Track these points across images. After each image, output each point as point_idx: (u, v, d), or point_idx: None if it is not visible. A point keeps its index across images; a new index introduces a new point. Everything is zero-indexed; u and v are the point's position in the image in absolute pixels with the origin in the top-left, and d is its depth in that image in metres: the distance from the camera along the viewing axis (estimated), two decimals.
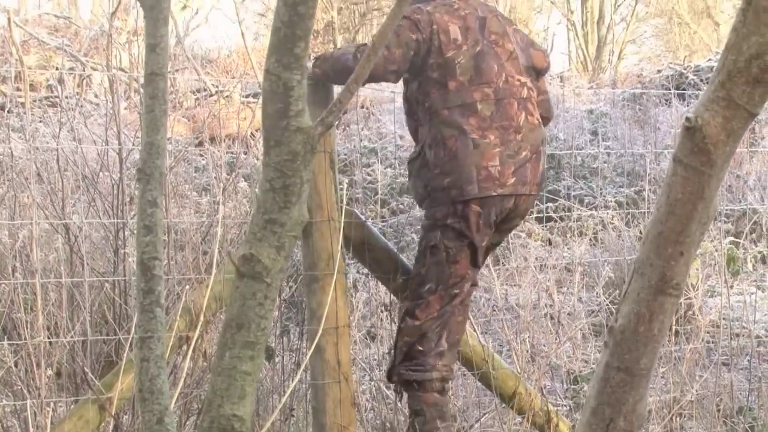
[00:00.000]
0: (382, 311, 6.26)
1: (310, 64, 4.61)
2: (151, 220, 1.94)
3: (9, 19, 12.64)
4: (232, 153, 8.68)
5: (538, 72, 4.97)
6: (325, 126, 1.89)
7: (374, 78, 4.68)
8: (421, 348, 4.70)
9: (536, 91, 4.89)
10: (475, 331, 5.21)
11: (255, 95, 12.31)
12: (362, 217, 5.19)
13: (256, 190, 6.19)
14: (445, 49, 4.69)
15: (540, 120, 4.86)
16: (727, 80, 1.93)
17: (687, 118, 1.94)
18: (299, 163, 1.87)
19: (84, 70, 13.24)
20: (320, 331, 4.49)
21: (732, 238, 7.28)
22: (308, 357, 4.44)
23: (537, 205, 9.13)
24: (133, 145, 6.18)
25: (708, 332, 6.06)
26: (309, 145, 1.86)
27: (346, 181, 4.95)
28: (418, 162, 4.74)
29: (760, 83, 1.92)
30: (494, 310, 6.32)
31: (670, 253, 2.00)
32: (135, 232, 5.58)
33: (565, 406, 5.79)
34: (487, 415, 5.51)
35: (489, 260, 6.15)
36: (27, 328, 4.89)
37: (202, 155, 9.05)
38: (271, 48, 1.86)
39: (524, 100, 4.80)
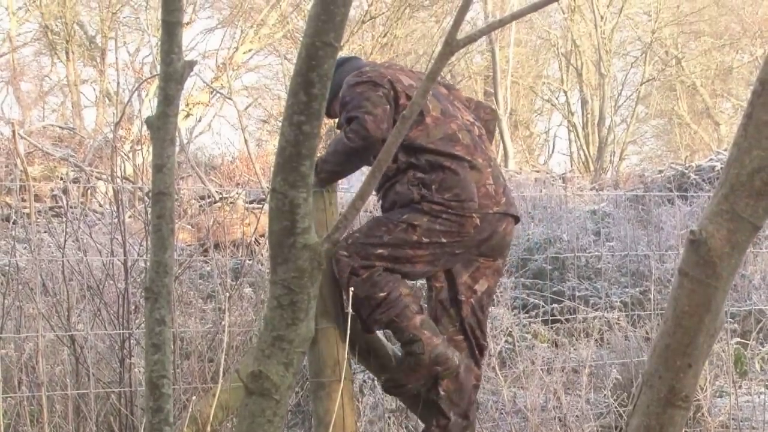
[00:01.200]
0: (389, 417, 6.21)
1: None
2: (159, 338, 1.94)
3: (14, 131, 12.76)
4: (236, 259, 8.70)
5: (486, 127, 5.11)
6: (331, 242, 1.91)
7: (376, 144, 4.72)
8: (383, 294, 4.67)
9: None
10: None
11: (259, 201, 12.35)
12: None
13: (264, 304, 6.19)
14: (409, 93, 4.80)
15: None
16: (730, 193, 1.94)
17: (692, 231, 1.95)
18: (306, 280, 1.88)
19: (88, 181, 13.32)
20: None
21: (738, 339, 7.25)
22: None
23: (542, 306, 9.13)
24: (139, 255, 6.20)
25: None
26: (316, 262, 1.87)
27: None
28: (392, 183, 4.80)
29: (763, 196, 1.93)
30: (502, 414, 6.28)
31: (678, 365, 1.99)
32: (141, 342, 5.59)
33: None
34: None
35: (496, 363, 6.14)
36: None
37: (206, 262, 9.05)
38: (277, 167, 1.88)
39: (480, 137, 4.96)
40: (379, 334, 5.04)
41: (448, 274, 4.84)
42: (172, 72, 1.93)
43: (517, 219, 4.97)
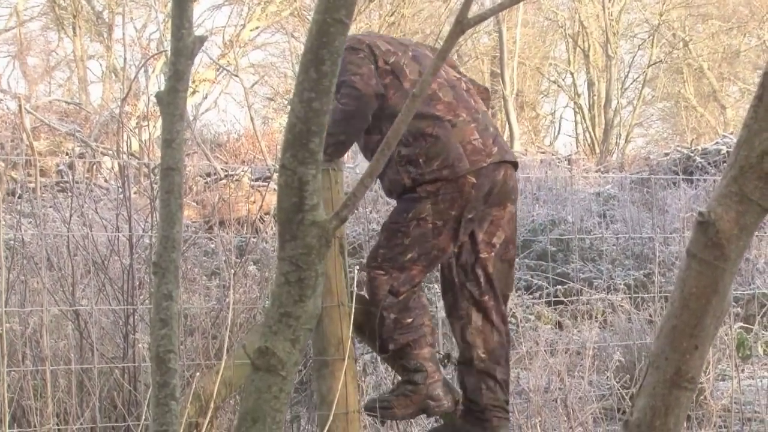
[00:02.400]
0: None
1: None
2: (166, 313, 1.95)
3: (20, 105, 12.77)
4: (241, 237, 8.71)
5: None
6: (339, 220, 1.91)
7: (370, 102, 4.75)
8: (409, 320, 4.75)
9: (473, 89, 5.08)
10: None
11: (264, 179, 12.35)
12: None
13: (268, 282, 6.21)
14: (386, 58, 4.84)
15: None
16: (739, 175, 1.95)
17: (700, 213, 1.96)
18: (314, 257, 1.89)
19: (94, 156, 13.32)
20: (331, 417, 4.47)
21: (742, 323, 7.26)
22: None
23: (546, 288, 9.13)
24: (144, 231, 6.21)
25: (720, 416, 6.02)
26: (324, 239, 1.88)
27: (356, 265, 4.93)
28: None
29: None
30: None
31: (685, 346, 2.00)
32: (145, 318, 5.61)
33: None
34: None
35: None
36: (37, 415, 4.88)
37: (211, 239, 9.06)
38: (286, 143, 1.88)
39: (467, 91, 5.00)
40: None
41: (470, 237, 4.86)
42: (183, 47, 1.93)
43: (515, 165, 4.99)
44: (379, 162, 1.89)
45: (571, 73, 30.82)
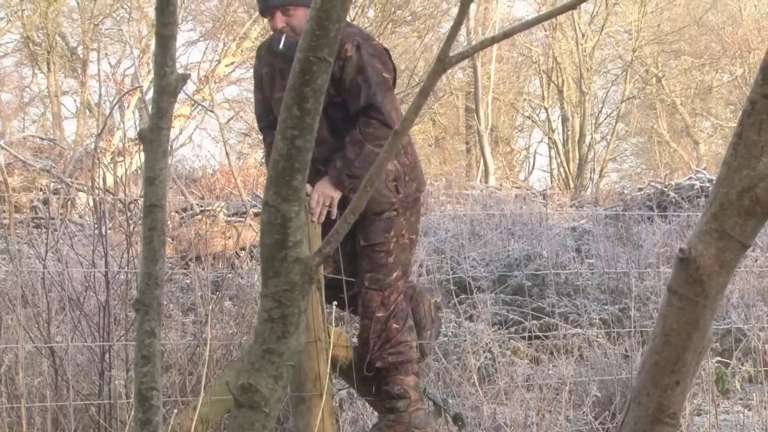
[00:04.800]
0: None
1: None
2: (149, 350, 1.95)
3: None
4: (217, 272, 8.68)
5: None
6: (322, 256, 1.92)
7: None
8: (396, 326, 4.96)
9: None
10: None
11: (240, 214, 12.33)
12: (348, 336, 5.22)
13: (244, 318, 6.19)
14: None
15: None
16: (719, 212, 1.97)
17: (681, 249, 1.98)
18: (297, 293, 1.90)
19: (68, 192, 13.28)
20: None
21: (719, 357, 7.28)
22: None
23: (522, 323, 9.13)
24: (120, 267, 6.19)
25: None
26: (307, 276, 1.89)
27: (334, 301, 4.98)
28: None
29: (752, 215, 1.96)
30: (482, 430, 6.29)
31: (666, 382, 2.01)
32: (121, 354, 5.58)
33: None
34: None
35: (476, 379, 6.18)
36: None
37: (187, 275, 9.03)
38: (270, 180, 1.89)
39: None
40: None
41: None
42: (166, 85, 1.94)
43: None
44: (361, 199, 1.90)
45: (546, 109, 30.96)
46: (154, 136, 1.93)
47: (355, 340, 5.22)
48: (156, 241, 1.93)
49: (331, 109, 4.74)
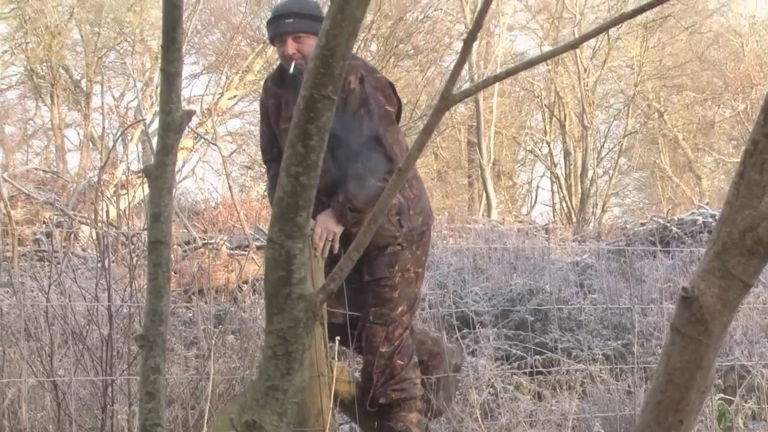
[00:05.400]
0: None
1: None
2: (153, 386, 1.95)
3: None
4: (220, 306, 8.68)
5: None
6: (326, 293, 1.92)
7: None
8: (400, 362, 4.97)
9: None
10: None
11: (243, 248, 12.33)
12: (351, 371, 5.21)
13: (247, 351, 6.19)
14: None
15: None
16: (722, 251, 1.97)
17: (684, 288, 1.98)
18: (302, 330, 1.90)
19: (71, 225, 13.29)
20: None
21: (722, 394, 7.26)
22: None
23: (525, 358, 9.11)
24: (122, 300, 6.18)
25: None
26: (311, 312, 1.89)
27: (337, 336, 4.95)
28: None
29: (755, 255, 1.96)
30: None
31: (669, 421, 2.01)
32: (123, 389, 5.57)
33: None
34: None
35: (478, 414, 6.17)
36: None
37: (190, 308, 9.02)
38: (274, 217, 1.90)
39: None
40: None
41: None
42: (171, 122, 1.95)
43: None
44: (365, 236, 1.91)
45: (548, 143, 31.00)
46: (159, 173, 1.94)
47: (357, 374, 5.22)
48: (161, 278, 1.94)
49: (333, 141, 4.74)
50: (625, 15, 1.75)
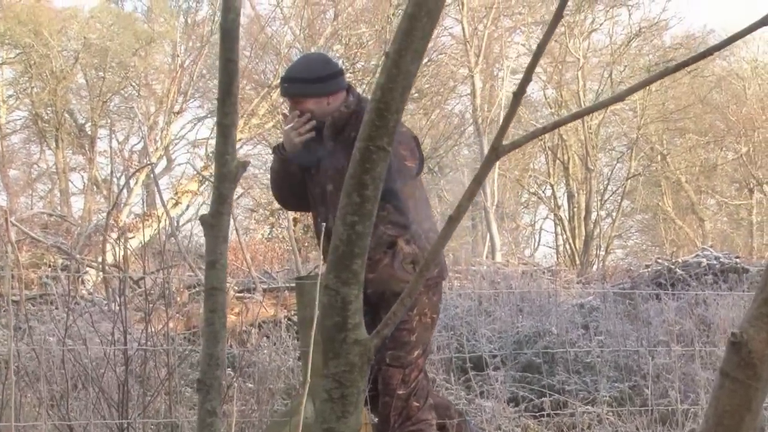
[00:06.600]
0: None
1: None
2: (210, 429, 2.00)
3: (6, 219, 12.79)
4: (228, 349, 8.70)
5: None
6: (380, 338, 1.98)
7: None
8: (416, 404, 5.05)
9: None
10: None
11: (249, 290, 12.36)
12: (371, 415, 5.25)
13: (259, 391, 6.20)
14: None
15: None
16: None
17: (733, 333, 2.03)
18: (356, 374, 1.95)
19: (78, 269, 13.33)
20: None
21: None
22: None
23: (532, 400, 9.13)
24: (139, 344, 6.21)
25: None
26: (366, 357, 1.94)
27: None
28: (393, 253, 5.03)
29: None
30: None
31: None
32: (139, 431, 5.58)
33: None
34: None
35: None
36: None
37: (196, 351, 9.04)
38: (330, 264, 1.95)
39: None
40: None
41: None
42: (227, 172, 2.01)
43: None
44: (417, 283, 1.96)
45: (551, 185, 31.10)
46: (215, 222, 1.99)
47: (374, 416, 5.26)
48: (217, 323, 1.99)
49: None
50: (668, 69, 1.81)
